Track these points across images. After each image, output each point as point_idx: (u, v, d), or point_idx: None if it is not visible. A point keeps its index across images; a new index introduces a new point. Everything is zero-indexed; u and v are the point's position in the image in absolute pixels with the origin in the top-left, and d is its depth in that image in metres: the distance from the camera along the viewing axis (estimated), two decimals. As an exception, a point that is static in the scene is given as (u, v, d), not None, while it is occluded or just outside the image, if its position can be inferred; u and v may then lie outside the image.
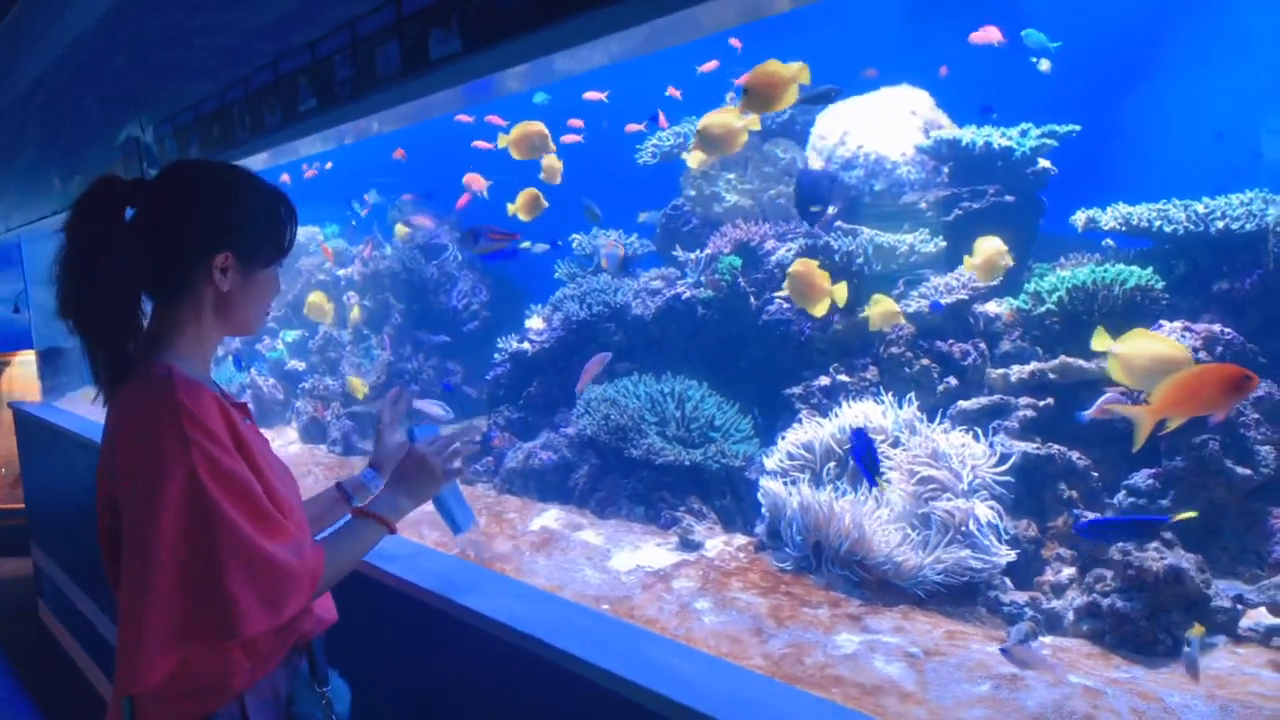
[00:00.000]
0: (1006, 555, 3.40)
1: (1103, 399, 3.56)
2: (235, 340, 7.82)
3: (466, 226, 5.40)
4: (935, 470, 3.64)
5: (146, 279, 1.89)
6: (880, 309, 4.27)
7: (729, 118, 4.08)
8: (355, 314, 7.87)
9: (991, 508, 3.50)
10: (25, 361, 8.83)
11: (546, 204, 5.37)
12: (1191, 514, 3.26)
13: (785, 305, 4.76)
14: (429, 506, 2.45)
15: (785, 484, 3.90)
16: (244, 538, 1.71)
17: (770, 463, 4.13)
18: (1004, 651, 2.83)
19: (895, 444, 3.91)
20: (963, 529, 3.45)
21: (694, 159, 5.62)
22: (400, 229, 8.09)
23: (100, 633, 5.46)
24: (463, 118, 7.59)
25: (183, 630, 1.69)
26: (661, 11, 1.93)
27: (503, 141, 5.07)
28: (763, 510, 3.97)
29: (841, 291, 4.24)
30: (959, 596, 3.37)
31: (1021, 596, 3.34)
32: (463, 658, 2.71)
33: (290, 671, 2.03)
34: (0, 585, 8.02)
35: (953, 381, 4.12)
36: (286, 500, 1.93)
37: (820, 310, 4.27)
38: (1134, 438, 2.95)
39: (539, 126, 5.02)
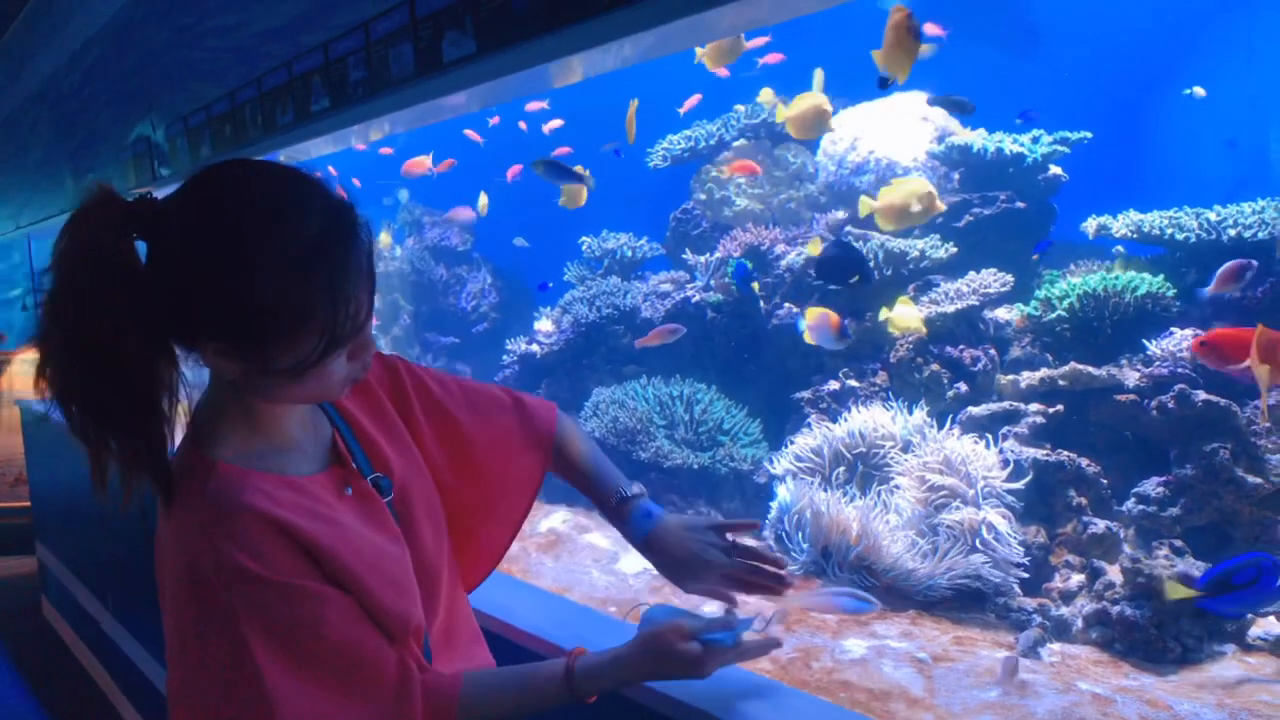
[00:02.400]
0: (1018, 570, 3.39)
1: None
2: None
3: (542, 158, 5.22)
4: (947, 479, 3.63)
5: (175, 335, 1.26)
6: (901, 313, 4.26)
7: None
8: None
9: (1003, 516, 3.49)
10: (25, 360, 8.84)
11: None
12: None
13: (795, 309, 4.76)
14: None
15: (794, 488, 3.89)
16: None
17: (779, 467, 4.12)
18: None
19: (906, 448, 3.91)
20: (976, 538, 3.44)
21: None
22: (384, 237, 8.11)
23: (105, 631, 5.45)
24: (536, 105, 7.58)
25: None
26: (675, 15, 1.93)
27: (780, 116, 4.61)
28: (771, 514, 3.96)
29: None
30: (967, 603, 3.36)
31: (1030, 603, 3.33)
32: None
33: None
34: (4, 583, 8.01)
35: (963, 387, 4.11)
36: (390, 604, 1.34)
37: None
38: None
39: (820, 101, 4.48)
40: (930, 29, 5.04)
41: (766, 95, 5.51)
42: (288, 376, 1.26)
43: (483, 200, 7.14)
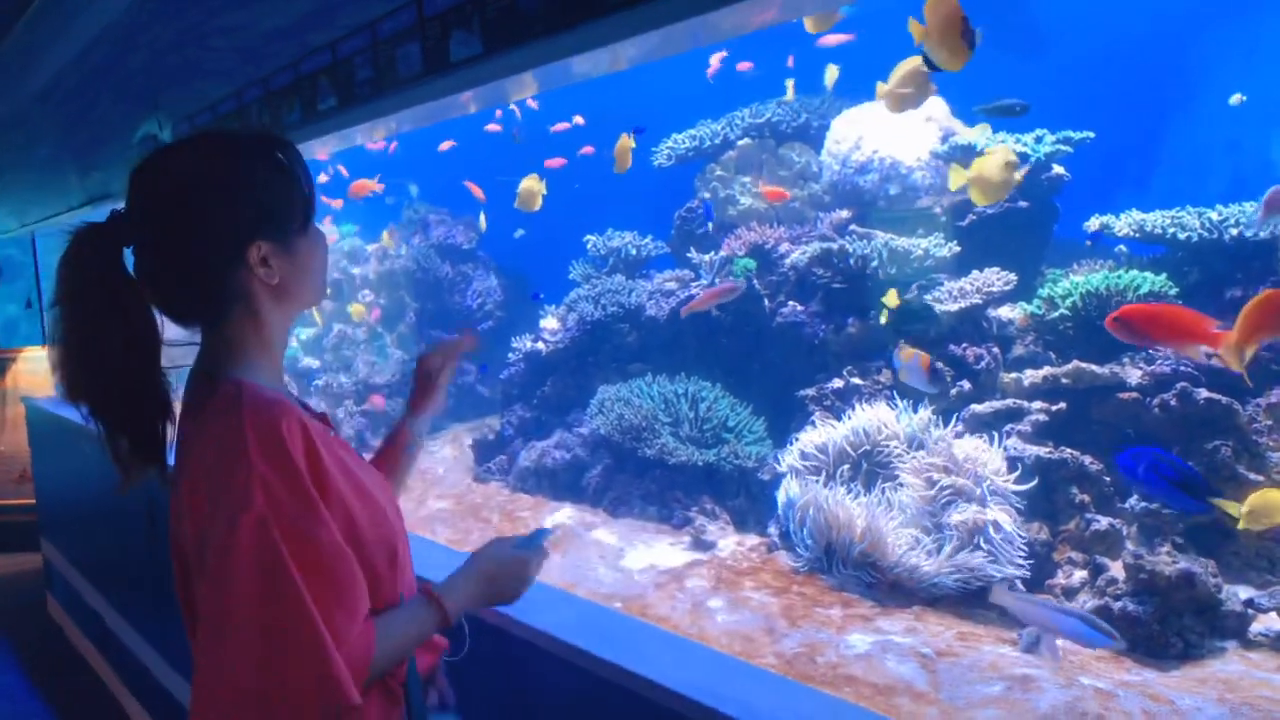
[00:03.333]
0: (1022, 567, 3.41)
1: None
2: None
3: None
4: (952, 477, 3.65)
5: (177, 313, 1.55)
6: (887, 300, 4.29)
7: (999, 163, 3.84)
8: (359, 309, 7.89)
9: (1008, 514, 3.51)
10: (31, 358, 8.86)
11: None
12: (1237, 508, 3.06)
13: (799, 308, 4.78)
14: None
15: (800, 485, 3.91)
16: (306, 615, 1.36)
17: (784, 464, 4.14)
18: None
19: (910, 446, 3.93)
20: (981, 536, 3.46)
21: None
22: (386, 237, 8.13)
23: (109, 626, 5.47)
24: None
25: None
26: (679, 16, 1.94)
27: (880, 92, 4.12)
28: (778, 510, 3.99)
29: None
30: (971, 599, 3.38)
31: (1033, 598, 3.35)
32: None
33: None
34: (9, 579, 8.04)
35: (966, 385, 4.13)
36: (372, 539, 1.56)
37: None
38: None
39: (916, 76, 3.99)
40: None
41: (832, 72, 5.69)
42: (305, 255, 1.57)
43: (482, 221, 7.22)
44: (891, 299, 4.29)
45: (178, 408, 1.56)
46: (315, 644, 1.36)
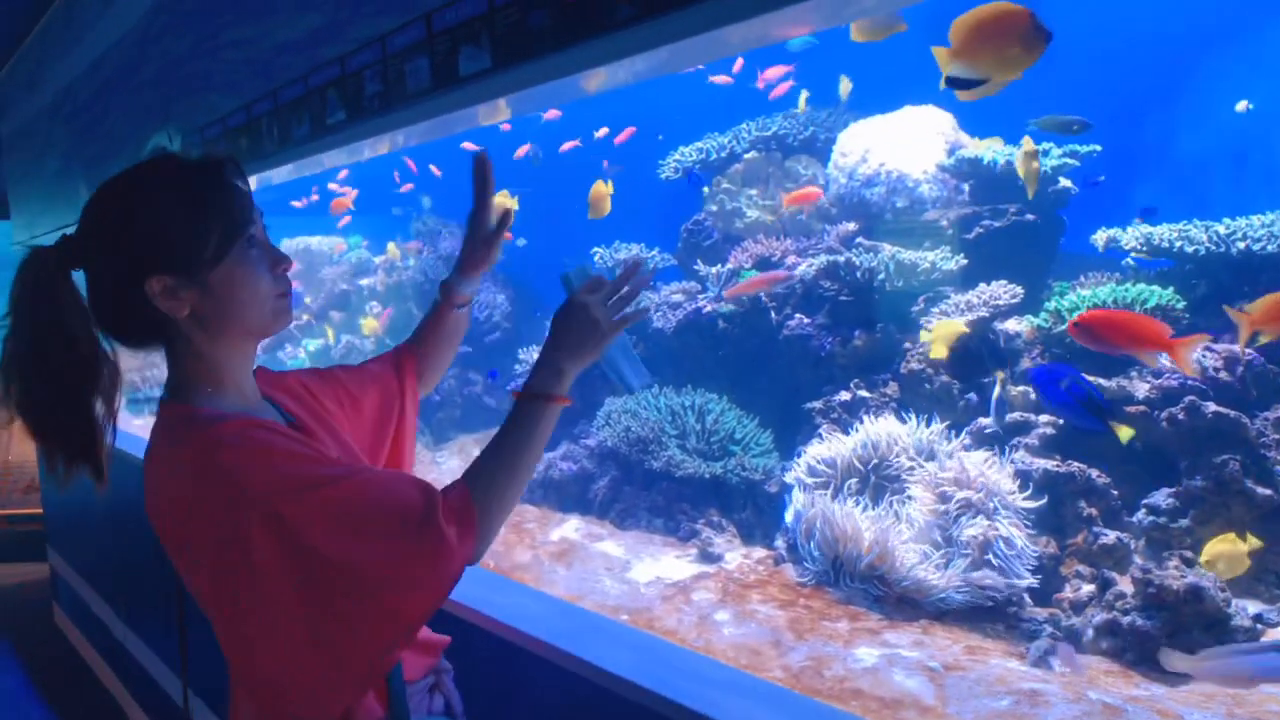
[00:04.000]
0: (1031, 581, 3.41)
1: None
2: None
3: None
4: (961, 491, 3.65)
5: (115, 335, 1.57)
6: (943, 332, 4.23)
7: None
8: (372, 323, 7.91)
9: (1017, 528, 3.50)
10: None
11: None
12: (1129, 432, 3.37)
13: (805, 320, 4.78)
14: None
15: (807, 498, 3.91)
16: (374, 547, 1.39)
17: (791, 476, 4.14)
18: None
19: (919, 459, 3.92)
20: (989, 553, 3.45)
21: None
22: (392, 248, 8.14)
23: (116, 637, 5.49)
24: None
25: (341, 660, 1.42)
26: (687, 33, 1.95)
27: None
28: (785, 523, 3.98)
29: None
30: (979, 612, 3.37)
31: (1041, 613, 3.34)
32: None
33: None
34: (16, 589, 8.06)
35: (973, 398, 4.13)
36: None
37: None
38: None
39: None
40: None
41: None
42: (223, 287, 1.53)
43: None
44: (943, 331, 4.11)
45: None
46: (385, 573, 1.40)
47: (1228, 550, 3.26)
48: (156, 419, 1.58)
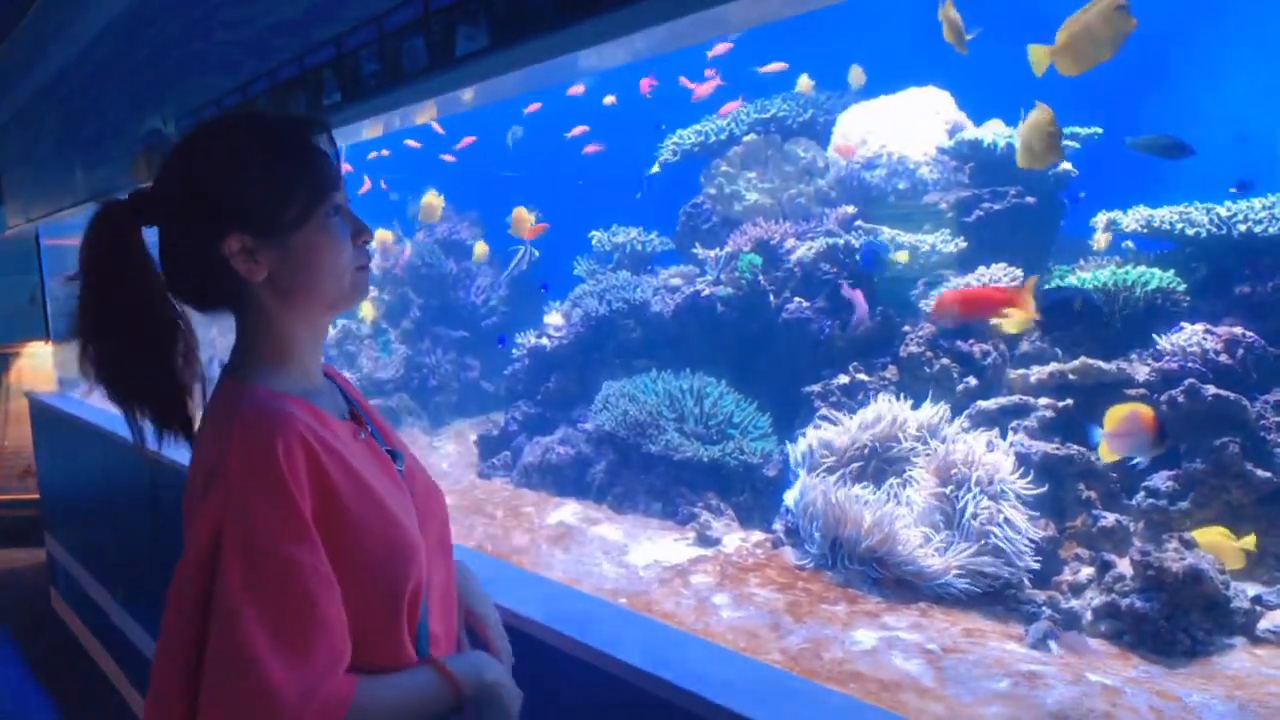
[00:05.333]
0: (1030, 564, 3.40)
1: None
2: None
3: None
4: (963, 472, 3.64)
5: (192, 301, 1.51)
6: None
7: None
8: (368, 309, 7.90)
9: (1018, 511, 3.49)
10: (33, 353, 8.87)
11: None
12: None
13: (804, 304, 4.77)
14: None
15: (806, 480, 3.90)
16: (245, 652, 1.25)
17: (790, 459, 4.14)
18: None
19: (924, 441, 3.92)
20: (989, 537, 3.44)
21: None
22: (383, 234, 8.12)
23: (113, 621, 5.48)
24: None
25: None
26: (686, 10, 1.93)
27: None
28: (784, 506, 3.98)
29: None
30: (977, 595, 3.37)
31: (1040, 595, 3.34)
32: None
33: None
34: (13, 574, 8.04)
35: (972, 381, 4.12)
36: (382, 559, 1.43)
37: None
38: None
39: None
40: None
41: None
42: (304, 252, 1.47)
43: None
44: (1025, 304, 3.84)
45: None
46: (255, 679, 1.24)
47: (1217, 543, 3.25)
48: (215, 390, 1.51)
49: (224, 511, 1.29)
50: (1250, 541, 3.25)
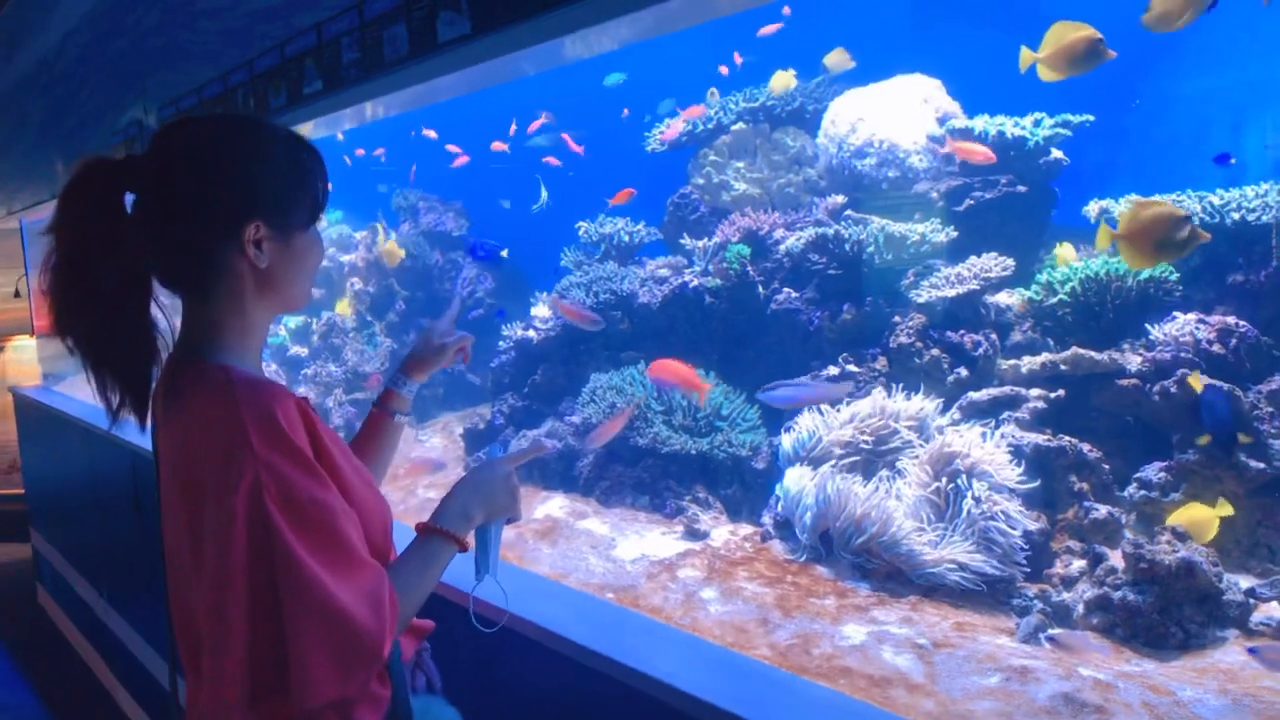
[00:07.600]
0: (1022, 557, 3.37)
1: None
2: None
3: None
4: (954, 464, 3.61)
5: (165, 274, 1.57)
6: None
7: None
8: (345, 306, 7.85)
9: (1010, 503, 3.47)
10: (18, 346, 8.81)
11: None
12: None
13: (794, 294, 4.73)
14: None
15: (796, 471, 3.87)
16: (319, 590, 1.38)
17: (781, 451, 4.10)
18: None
19: (913, 434, 3.89)
20: (982, 531, 3.41)
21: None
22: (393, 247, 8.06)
23: (99, 617, 5.44)
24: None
25: (256, 697, 1.41)
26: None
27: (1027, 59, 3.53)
28: (774, 498, 3.94)
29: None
30: (968, 588, 3.34)
31: (1031, 588, 3.31)
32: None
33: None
34: None
35: (963, 372, 4.08)
36: (370, 510, 1.59)
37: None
38: None
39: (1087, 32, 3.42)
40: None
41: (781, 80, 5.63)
42: (299, 253, 1.62)
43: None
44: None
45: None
46: (329, 607, 1.37)
47: (1195, 516, 3.23)
48: (179, 375, 1.56)
49: (258, 481, 1.36)
50: (1225, 509, 3.23)
